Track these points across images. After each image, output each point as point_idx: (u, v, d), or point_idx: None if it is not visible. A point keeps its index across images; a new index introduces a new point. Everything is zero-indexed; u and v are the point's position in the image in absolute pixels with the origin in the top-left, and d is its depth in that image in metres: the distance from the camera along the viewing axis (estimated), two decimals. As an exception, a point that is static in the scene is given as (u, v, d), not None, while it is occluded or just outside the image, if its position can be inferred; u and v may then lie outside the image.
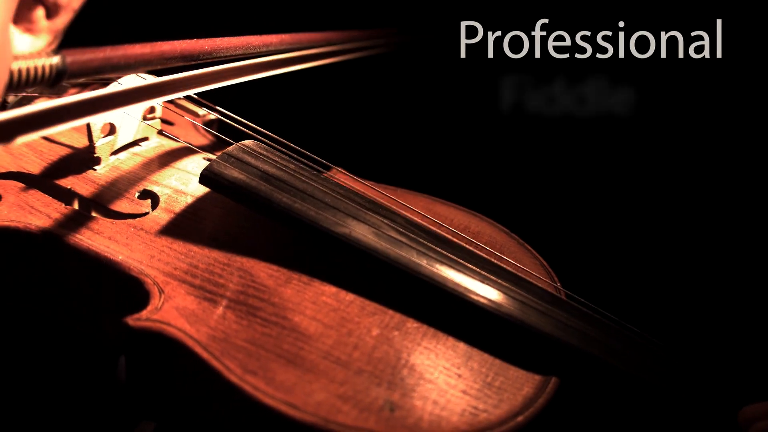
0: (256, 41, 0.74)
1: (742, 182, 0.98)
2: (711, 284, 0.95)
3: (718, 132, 1.00)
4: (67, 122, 0.51)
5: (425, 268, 0.64)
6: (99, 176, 0.76)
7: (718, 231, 0.99)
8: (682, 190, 1.01)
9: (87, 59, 0.52)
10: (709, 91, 0.98)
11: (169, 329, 0.58)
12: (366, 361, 0.58)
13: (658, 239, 1.01)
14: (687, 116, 1.00)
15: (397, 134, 1.16)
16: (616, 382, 0.61)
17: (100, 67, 0.54)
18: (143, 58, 0.59)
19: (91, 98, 0.53)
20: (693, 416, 0.61)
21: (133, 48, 0.58)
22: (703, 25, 0.91)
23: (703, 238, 0.99)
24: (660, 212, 1.02)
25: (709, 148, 1.00)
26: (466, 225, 0.79)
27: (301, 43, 0.81)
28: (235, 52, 0.72)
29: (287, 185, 0.69)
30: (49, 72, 0.49)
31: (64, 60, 0.50)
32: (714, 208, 0.99)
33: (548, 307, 0.65)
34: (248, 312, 0.61)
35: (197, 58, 0.67)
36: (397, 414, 0.54)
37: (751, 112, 0.97)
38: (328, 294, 0.64)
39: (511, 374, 0.60)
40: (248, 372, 0.55)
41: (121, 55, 0.56)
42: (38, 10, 0.55)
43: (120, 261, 0.65)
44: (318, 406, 0.53)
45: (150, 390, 0.64)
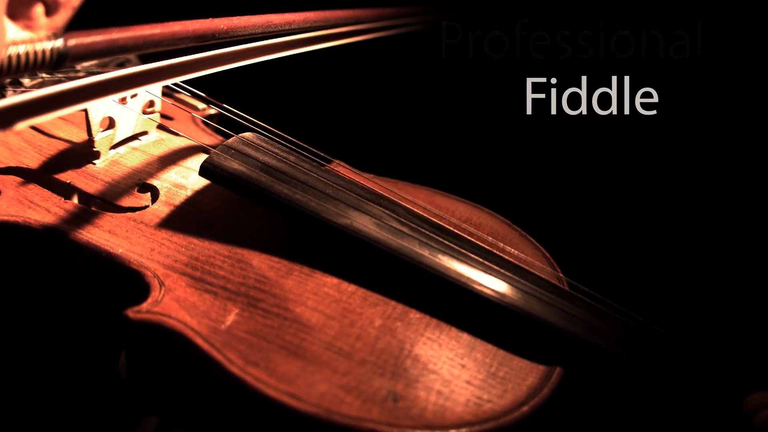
0: (277, 20, 0.69)
1: (744, 171, 0.98)
2: (715, 274, 0.94)
3: (716, 127, 1.00)
4: (74, 105, 0.50)
5: (428, 259, 0.64)
6: (98, 170, 0.75)
7: (720, 219, 0.98)
8: (683, 179, 1.01)
9: (91, 41, 0.49)
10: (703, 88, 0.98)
11: (170, 321, 0.57)
12: (369, 352, 0.57)
13: (660, 229, 1.01)
14: (685, 112, 1.00)
15: (397, 128, 1.16)
16: (620, 372, 0.61)
17: (105, 49, 0.51)
18: (152, 39, 0.55)
19: (103, 80, 0.52)
20: (698, 405, 0.60)
21: (141, 29, 0.54)
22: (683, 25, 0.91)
23: (704, 227, 0.99)
24: (661, 202, 1.02)
25: (709, 141, 1.00)
26: (467, 217, 0.79)
27: (327, 21, 0.75)
28: (254, 31, 0.67)
29: (288, 177, 0.69)
30: (50, 56, 0.47)
31: (66, 42, 0.48)
32: (715, 197, 0.99)
33: (551, 297, 0.64)
34: (249, 304, 0.60)
35: (212, 38, 0.62)
36: (400, 404, 0.53)
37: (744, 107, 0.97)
38: (329, 285, 0.63)
39: (515, 364, 0.60)
40: (250, 363, 0.54)
41: (129, 37, 0.52)
42: (37, 7, 0.55)
43: (120, 254, 0.64)
44: (321, 397, 0.52)
45: (152, 384, 0.63)
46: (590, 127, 1.00)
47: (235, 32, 0.64)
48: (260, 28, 0.67)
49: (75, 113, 0.84)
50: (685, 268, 0.96)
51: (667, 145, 1.01)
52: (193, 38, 0.59)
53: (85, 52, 0.50)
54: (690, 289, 0.93)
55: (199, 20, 0.61)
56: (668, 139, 1.01)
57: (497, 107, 1.06)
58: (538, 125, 1.03)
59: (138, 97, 0.80)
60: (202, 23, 0.61)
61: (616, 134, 1.01)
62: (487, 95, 1.09)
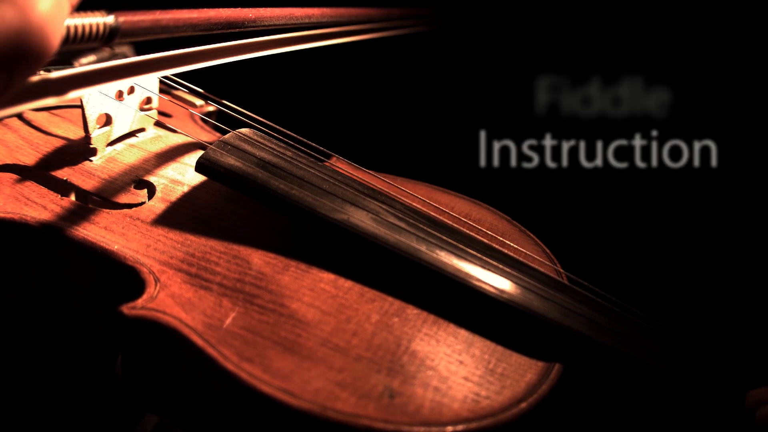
0: (299, 12, 0.75)
1: (745, 166, 0.97)
2: (717, 268, 0.93)
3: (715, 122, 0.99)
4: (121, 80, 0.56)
5: (425, 254, 0.63)
6: (95, 167, 0.75)
7: (721, 211, 0.97)
8: (684, 174, 1.00)
9: (138, 20, 0.55)
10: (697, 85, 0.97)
11: (165, 317, 0.57)
12: (365, 348, 0.56)
13: (661, 223, 1.00)
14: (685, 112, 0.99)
15: (396, 125, 1.15)
16: (621, 368, 0.60)
17: (150, 28, 0.56)
18: (190, 22, 0.61)
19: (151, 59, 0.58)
20: (700, 401, 0.59)
21: (181, 12, 0.59)
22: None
23: (705, 218, 0.98)
24: (662, 196, 1.01)
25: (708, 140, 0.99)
26: (467, 213, 0.78)
27: (341, 17, 0.81)
28: (277, 22, 0.73)
29: (284, 172, 0.68)
30: (103, 30, 0.50)
31: (117, 19, 0.51)
32: (718, 188, 0.98)
33: (551, 292, 0.63)
34: (245, 300, 0.60)
35: (242, 25, 0.68)
36: (397, 401, 0.53)
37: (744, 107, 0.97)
38: (326, 281, 0.63)
39: (513, 361, 0.59)
40: (245, 359, 0.54)
41: (170, 18, 0.58)
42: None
43: (115, 251, 0.64)
44: (316, 393, 0.52)
45: (148, 381, 0.63)
46: (590, 125, 0.99)
47: (262, 22, 0.70)
48: (283, 19, 0.73)
49: (72, 111, 0.84)
50: (686, 262, 0.95)
51: (666, 140, 1.00)
52: (225, 24, 0.65)
53: (132, 29, 0.54)
54: (691, 284, 0.92)
55: (231, 9, 0.67)
56: (668, 135, 1.00)
57: (497, 106, 1.05)
58: (539, 122, 1.03)
59: (135, 94, 0.79)
60: (234, 11, 0.67)
61: (616, 131, 1.00)
62: (487, 94, 1.09)
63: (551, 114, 1.04)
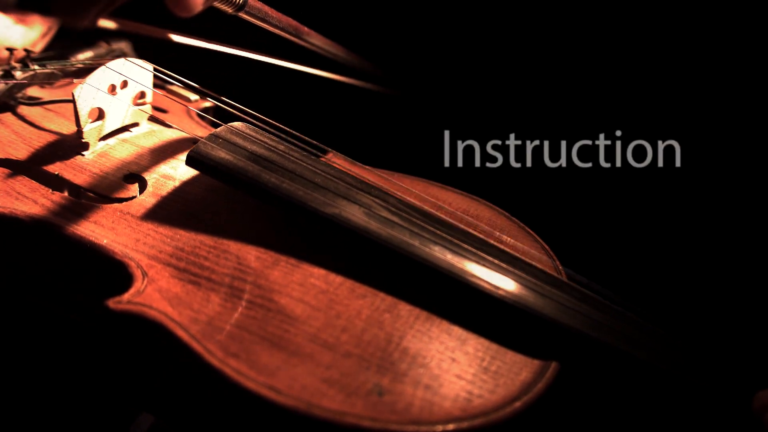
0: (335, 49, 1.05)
1: (746, 162, 0.95)
2: (723, 265, 0.91)
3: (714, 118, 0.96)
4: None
5: (418, 249, 0.61)
6: (87, 162, 0.74)
7: (723, 207, 0.95)
8: (685, 169, 0.97)
9: (259, 6, 0.83)
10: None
11: (150, 312, 0.55)
12: (355, 344, 0.55)
13: (662, 219, 0.98)
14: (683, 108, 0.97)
15: (395, 122, 1.14)
16: (621, 367, 0.58)
17: (263, 16, 0.85)
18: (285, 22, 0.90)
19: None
20: (704, 403, 0.57)
21: (280, 15, 0.89)
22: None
23: (707, 214, 0.95)
24: (663, 192, 0.98)
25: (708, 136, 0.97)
26: (465, 208, 0.76)
27: (336, 55, 1.06)
28: (315, 44, 1.01)
29: (276, 166, 0.67)
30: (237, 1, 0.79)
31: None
32: (720, 184, 0.96)
33: (549, 289, 0.62)
34: (233, 294, 0.58)
35: (299, 36, 0.95)
36: (386, 398, 0.51)
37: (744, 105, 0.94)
38: (316, 276, 0.61)
39: (508, 359, 0.57)
40: (230, 355, 0.52)
41: (274, 15, 0.88)
42: None
43: (104, 245, 0.63)
44: (302, 389, 0.50)
45: (136, 377, 0.62)
46: (590, 121, 0.98)
47: (308, 39, 0.98)
48: (320, 44, 1.01)
49: (66, 106, 0.83)
50: (690, 259, 0.92)
51: (666, 136, 0.98)
52: (295, 32, 0.94)
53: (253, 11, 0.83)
54: (696, 282, 0.89)
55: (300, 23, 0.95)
56: (667, 129, 0.98)
57: (496, 104, 1.03)
58: (538, 118, 1.01)
59: (128, 88, 0.79)
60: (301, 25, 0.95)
61: (616, 126, 0.98)
62: (485, 92, 1.07)
63: (548, 107, 1.02)
